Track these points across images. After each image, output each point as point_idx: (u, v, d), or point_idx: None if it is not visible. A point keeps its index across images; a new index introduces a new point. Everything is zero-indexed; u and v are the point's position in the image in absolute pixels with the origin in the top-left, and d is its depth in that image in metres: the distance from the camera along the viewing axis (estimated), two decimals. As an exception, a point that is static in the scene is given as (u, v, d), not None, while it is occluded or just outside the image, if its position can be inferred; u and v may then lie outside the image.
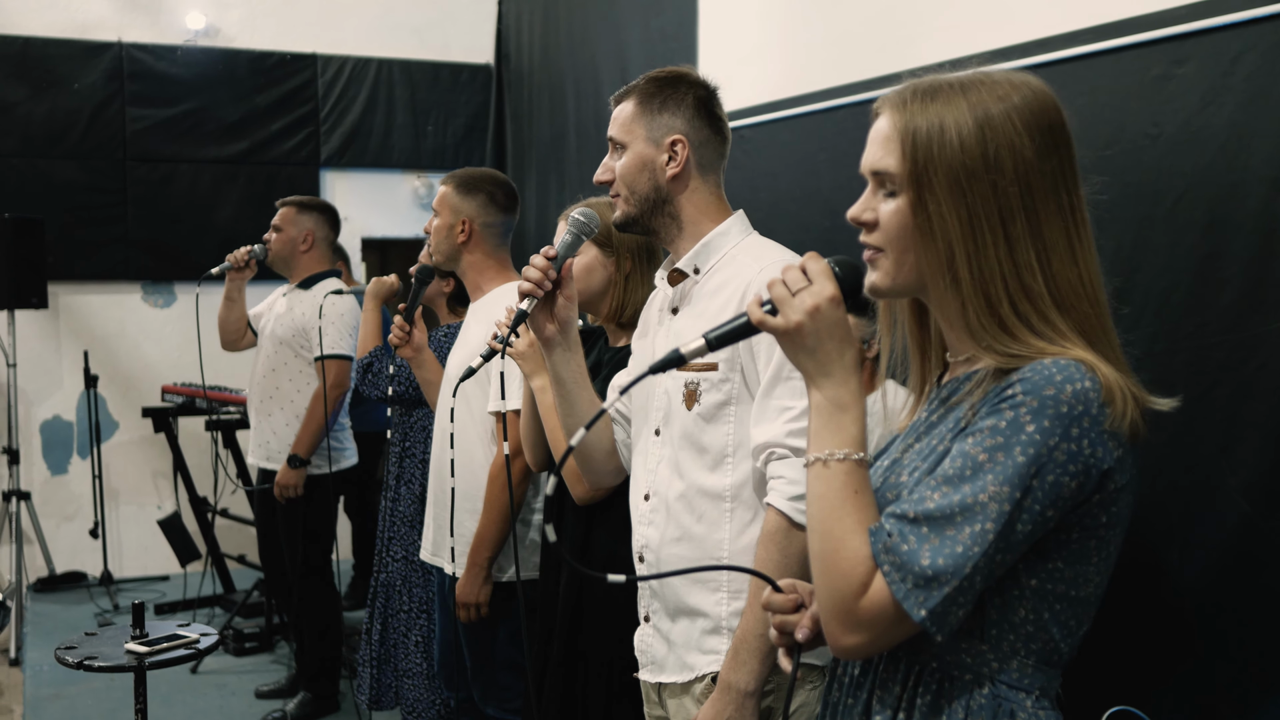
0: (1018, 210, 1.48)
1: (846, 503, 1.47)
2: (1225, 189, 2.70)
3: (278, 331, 5.06)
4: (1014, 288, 1.48)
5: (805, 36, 4.59)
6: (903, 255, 1.54)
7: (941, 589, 1.40)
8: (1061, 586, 1.48)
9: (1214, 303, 2.72)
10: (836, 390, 1.52)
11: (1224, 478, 2.69)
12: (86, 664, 2.92)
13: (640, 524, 2.44)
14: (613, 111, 2.45)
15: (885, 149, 1.55)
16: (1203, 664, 2.74)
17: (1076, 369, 1.42)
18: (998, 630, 1.49)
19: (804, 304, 1.51)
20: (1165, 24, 2.86)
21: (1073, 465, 1.40)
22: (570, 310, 2.39)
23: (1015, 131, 1.49)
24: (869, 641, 1.46)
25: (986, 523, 1.39)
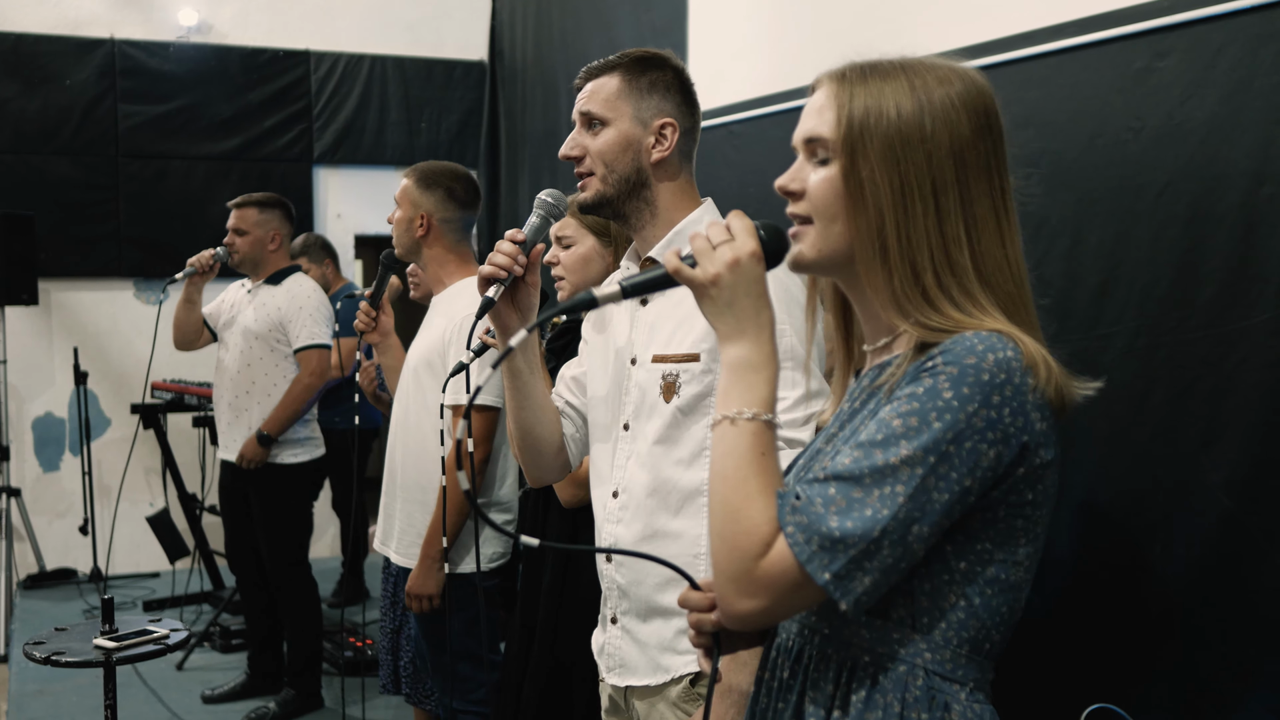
0: (950, 184, 1.47)
1: (753, 464, 1.42)
2: (1207, 182, 2.68)
3: (251, 327, 5.06)
4: (939, 260, 1.46)
5: (794, 32, 4.57)
6: (829, 224, 1.51)
7: (848, 551, 1.35)
8: (992, 569, 1.45)
9: (1195, 297, 2.70)
10: (750, 349, 1.47)
11: (1205, 474, 2.67)
12: (54, 660, 2.90)
13: (608, 522, 2.36)
14: (585, 85, 2.35)
15: (820, 117, 1.52)
16: (1183, 660, 2.73)
17: (998, 339, 1.40)
18: (929, 619, 1.46)
19: (723, 257, 1.47)
20: (1147, 17, 2.85)
21: (991, 433, 1.37)
22: (534, 298, 2.26)
23: (953, 108, 1.48)
24: (766, 607, 1.40)
25: (897, 485, 1.35)
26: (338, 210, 8.13)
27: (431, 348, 3.61)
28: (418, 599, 3.58)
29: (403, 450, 3.71)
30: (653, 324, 2.31)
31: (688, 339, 2.22)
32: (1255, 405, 2.57)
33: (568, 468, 2.52)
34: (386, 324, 3.82)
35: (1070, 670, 2.96)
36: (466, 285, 3.71)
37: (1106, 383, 2.82)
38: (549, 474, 2.51)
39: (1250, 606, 2.57)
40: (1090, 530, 2.95)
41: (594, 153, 2.30)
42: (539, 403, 2.37)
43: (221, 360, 5.20)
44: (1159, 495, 2.78)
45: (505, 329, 2.26)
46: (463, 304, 3.59)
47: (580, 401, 2.49)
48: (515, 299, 2.24)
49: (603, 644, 2.41)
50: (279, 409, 4.96)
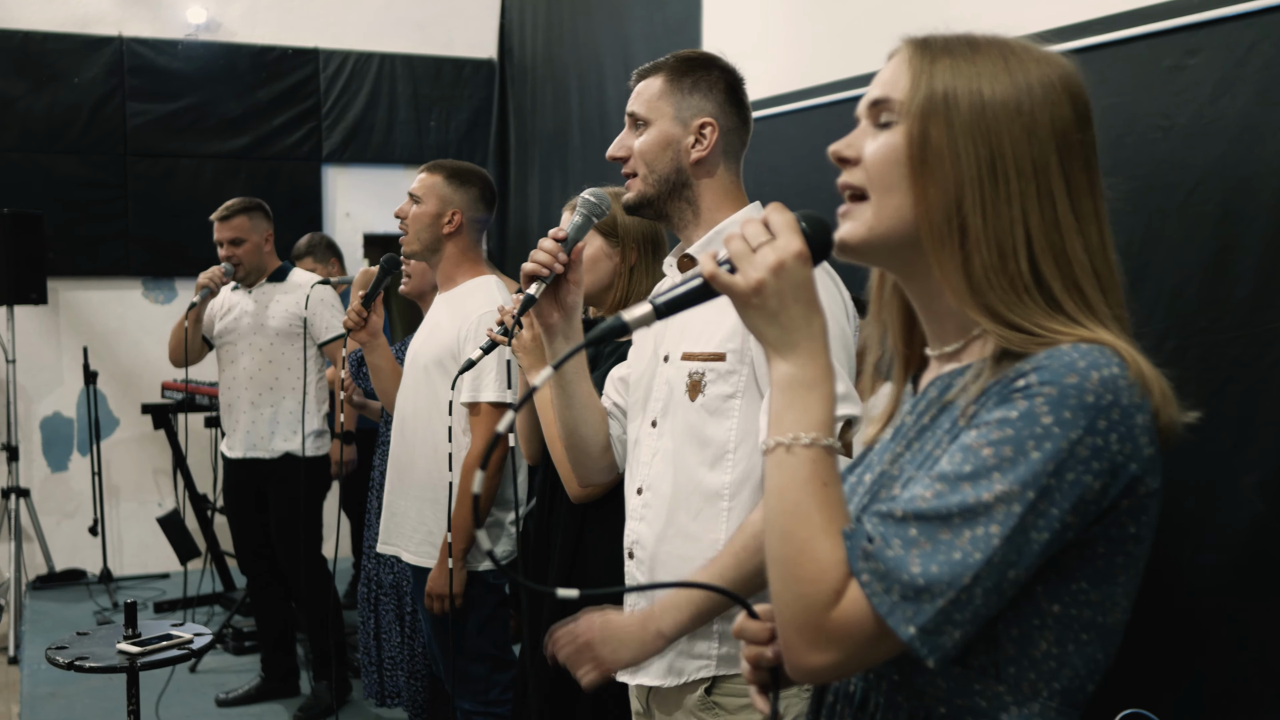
0: (1054, 166, 1.28)
1: (813, 496, 1.25)
2: (1238, 181, 2.66)
3: (270, 324, 5.09)
4: (1039, 243, 1.27)
5: (810, 30, 4.54)
6: (885, 197, 1.32)
7: (934, 601, 1.18)
8: (1088, 612, 1.26)
9: (1227, 297, 2.68)
10: (802, 363, 1.30)
11: (1238, 475, 2.65)
12: (77, 665, 2.87)
13: (632, 519, 2.36)
14: (635, 86, 2.38)
15: (891, 80, 1.35)
16: (1217, 665, 2.70)
17: (1102, 353, 1.22)
18: (1016, 668, 1.27)
19: (766, 260, 1.30)
20: (1177, 14, 2.82)
21: (1097, 463, 1.19)
22: (577, 296, 2.31)
23: (1054, 90, 1.31)
24: (839, 661, 1.23)
25: (992, 525, 1.17)
26: (346, 209, 8.10)
27: (444, 347, 3.59)
28: (439, 599, 3.55)
29: (413, 449, 3.70)
30: (685, 322, 2.27)
31: (715, 337, 2.21)
32: (1289, 407, 2.55)
33: (614, 469, 2.53)
34: (376, 324, 3.82)
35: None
36: (478, 284, 3.70)
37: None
38: (595, 474, 2.55)
39: (1284, 610, 2.55)
40: (1120, 533, 2.92)
41: (636, 153, 2.32)
42: (583, 403, 2.41)
43: (234, 363, 5.18)
44: (1191, 498, 2.75)
45: (549, 326, 2.31)
46: (476, 303, 3.59)
47: (625, 401, 2.49)
48: (558, 296, 2.29)
49: None
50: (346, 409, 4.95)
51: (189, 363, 5.24)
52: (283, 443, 5.10)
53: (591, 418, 2.42)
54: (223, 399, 5.28)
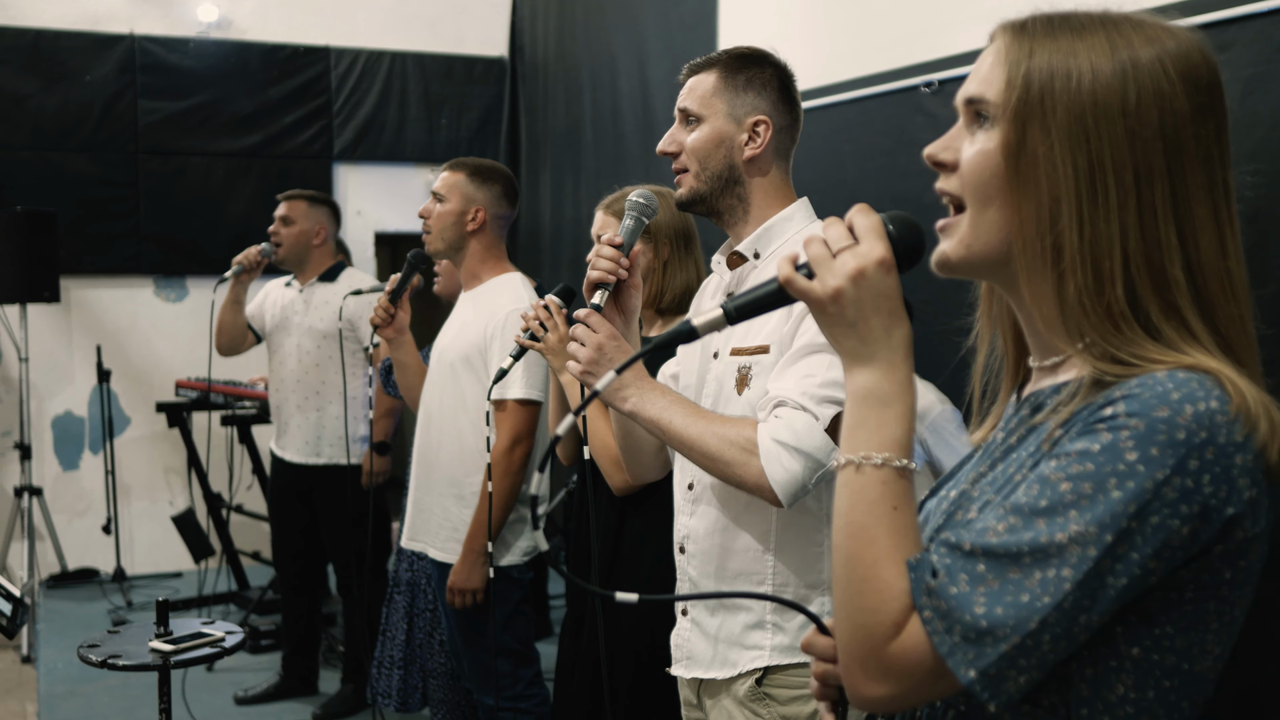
0: (1159, 173, 1.18)
1: (881, 521, 1.19)
2: (1271, 178, 2.66)
3: (318, 326, 5.01)
4: (1137, 266, 1.17)
5: (827, 27, 4.54)
6: (983, 211, 1.24)
7: (997, 646, 1.11)
8: (1172, 658, 1.17)
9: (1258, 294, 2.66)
10: (879, 377, 1.23)
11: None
12: (110, 663, 2.87)
13: (681, 514, 2.37)
14: (686, 81, 2.36)
15: (987, 75, 1.26)
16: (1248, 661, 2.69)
17: (1201, 384, 1.12)
18: (1089, 710, 1.19)
19: (846, 267, 1.23)
20: (1207, 9, 2.82)
21: (1185, 507, 1.09)
22: (637, 300, 2.32)
23: (1167, 79, 1.18)
24: (897, 695, 1.18)
25: (1064, 569, 1.10)
26: (358, 207, 8.09)
27: (472, 344, 3.61)
28: (461, 594, 3.58)
29: (439, 446, 3.71)
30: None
31: (762, 330, 2.22)
32: (1323, 404, 2.54)
33: (667, 465, 2.54)
34: (403, 320, 3.82)
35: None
36: (504, 281, 3.73)
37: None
38: (649, 472, 2.57)
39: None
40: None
41: (688, 149, 2.31)
42: None
43: (282, 364, 5.14)
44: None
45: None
46: (503, 300, 3.60)
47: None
48: (618, 301, 2.29)
49: (674, 636, 2.42)
50: (378, 414, 4.91)
51: (230, 350, 5.24)
52: (329, 449, 5.06)
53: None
54: (272, 399, 5.26)
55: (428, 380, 3.83)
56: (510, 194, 3.79)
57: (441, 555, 3.72)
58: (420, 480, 3.81)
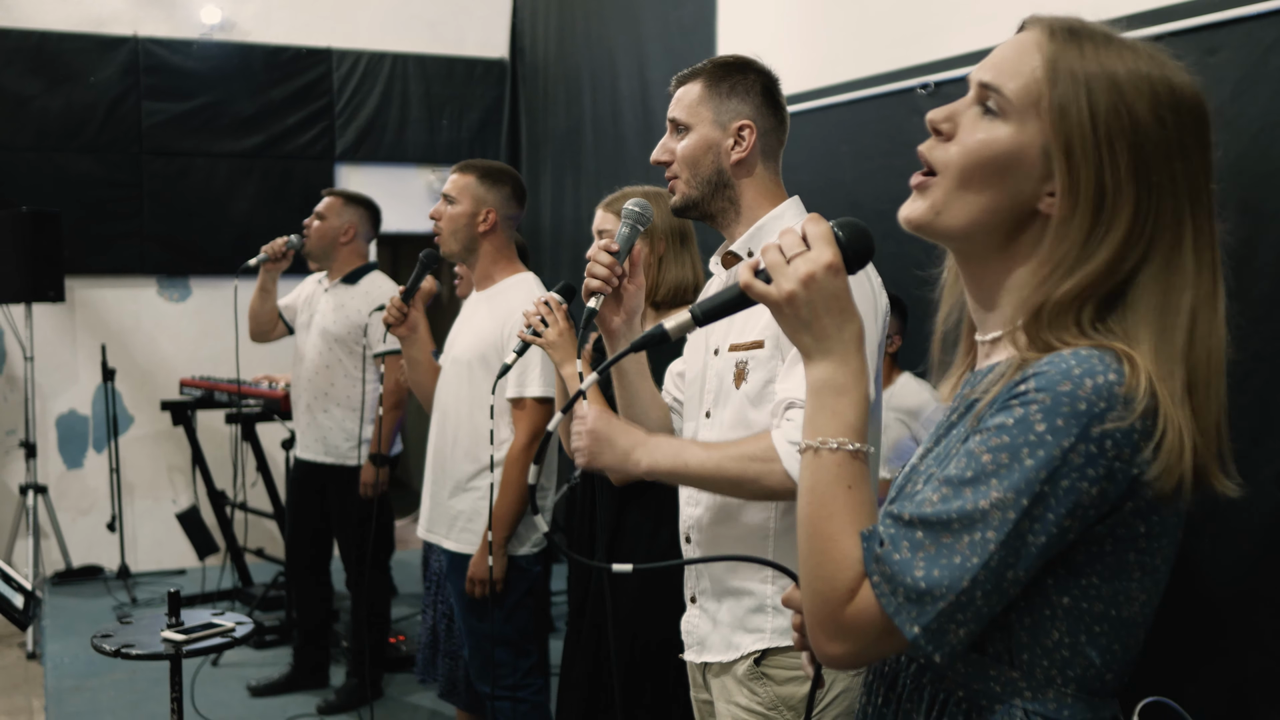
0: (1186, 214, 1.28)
1: (838, 499, 1.32)
2: (1258, 178, 2.70)
3: (330, 329, 5.04)
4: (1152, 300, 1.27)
5: (825, 29, 4.59)
6: (960, 189, 1.34)
7: (935, 604, 1.24)
8: (1100, 605, 1.30)
9: (1247, 292, 2.72)
10: (834, 370, 1.36)
11: (1258, 467, 2.69)
12: (124, 652, 2.92)
13: (687, 505, 2.45)
14: (675, 93, 2.45)
15: (1010, 65, 1.33)
16: (1236, 654, 2.74)
17: (1101, 360, 1.24)
18: (1029, 655, 1.32)
19: (798, 271, 1.35)
20: (1197, 13, 2.87)
21: (1092, 470, 1.21)
22: (639, 299, 2.43)
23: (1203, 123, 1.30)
24: (854, 652, 1.31)
25: (988, 531, 1.22)
26: (359, 208, 8.14)
27: (488, 343, 3.69)
28: (481, 583, 3.67)
29: (454, 441, 3.80)
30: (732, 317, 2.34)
31: (756, 325, 2.30)
32: (1309, 399, 2.59)
33: None
34: (416, 319, 3.88)
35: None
36: (517, 281, 3.81)
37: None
38: None
39: (1304, 599, 2.60)
40: (1141, 524, 2.96)
41: (679, 157, 2.40)
42: (647, 400, 2.50)
43: (301, 361, 5.20)
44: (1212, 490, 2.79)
45: (611, 330, 2.43)
46: (518, 299, 3.67)
47: (684, 395, 2.58)
48: (620, 301, 2.41)
49: (684, 623, 2.50)
50: (383, 425, 4.90)
51: (260, 337, 5.31)
52: (336, 449, 5.10)
53: (654, 414, 2.51)
54: (293, 395, 5.33)
55: (442, 378, 3.91)
56: (519, 195, 3.87)
57: (455, 546, 3.82)
58: (436, 475, 3.90)
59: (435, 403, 3.93)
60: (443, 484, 3.85)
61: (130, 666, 5.58)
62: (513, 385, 3.67)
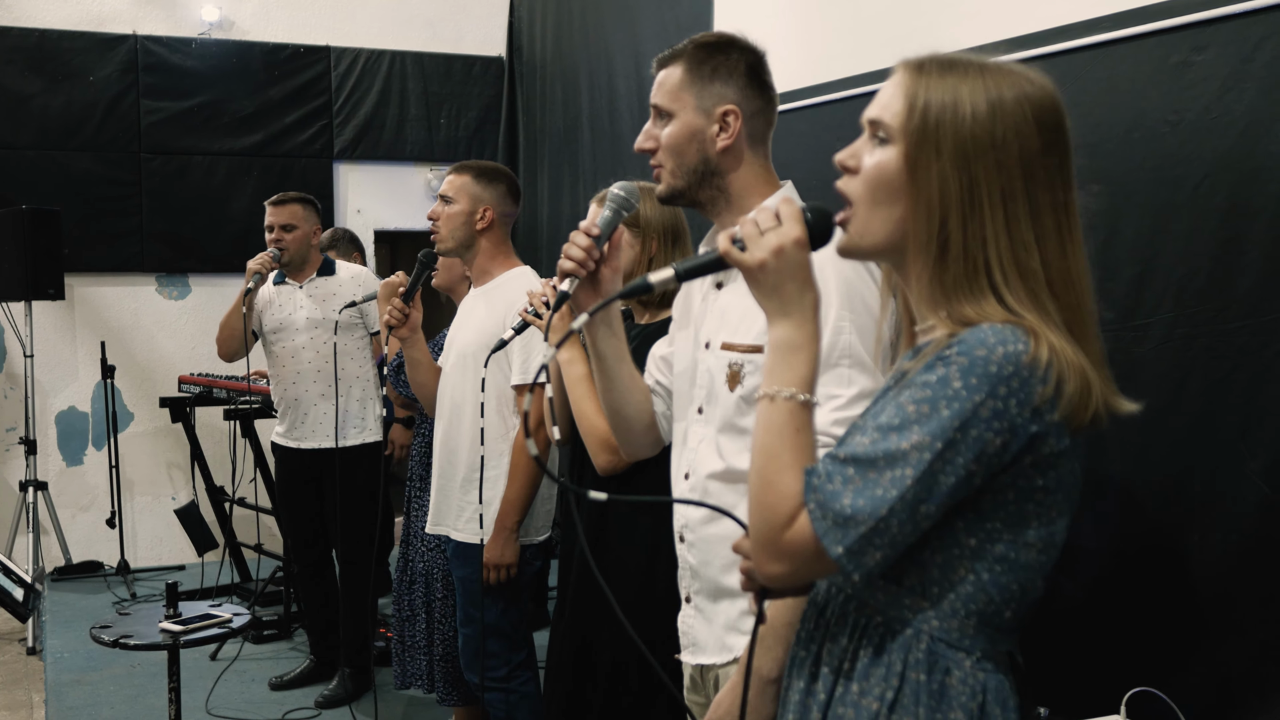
0: (1019, 192, 1.51)
1: (786, 440, 1.53)
2: (1245, 175, 2.73)
3: (331, 318, 5.14)
4: (1007, 261, 1.50)
5: (821, 26, 4.61)
6: (873, 208, 1.57)
7: (858, 528, 1.44)
8: (1000, 548, 1.52)
9: (1233, 287, 2.75)
10: (793, 330, 1.57)
11: (1243, 461, 2.72)
12: (123, 642, 2.96)
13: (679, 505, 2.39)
14: (656, 76, 2.33)
15: (889, 103, 1.57)
16: (1223, 645, 2.77)
17: (1013, 332, 1.45)
18: (939, 588, 1.53)
19: (769, 243, 1.56)
20: (1185, 11, 2.89)
21: (998, 423, 1.43)
22: (616, 283, 2.30)
23: (1025, 119, 1.51)
24: (790, 572, 1.51)
25: (906, 469, 1.43)
26: (357, 206, 8.18)
27: (490, 335, 3.68)
28: (495, 569, 3.72)
29: (460, 434, 3.84)
30: (724, 309, 2.30)
31: (754, 329, 2.22)
32: (1294, 394, 2.62)
33: (659, 444, 2.55)
34: (416, 319, 3.91)
35: (1111, 655, 3.00)
36: (515, 275, 3.85)
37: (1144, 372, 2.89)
38: (641, 450, 2.57)
39: (1289, 591, 2.62)
40: (1129, 517, 2.99)
41: (663, 146, 2.29)
42: (626, 384, 2.42)
43: (294, 357, 5.24)
44: (1196, 482, 2.82)
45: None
46: (516, 292, 3.71)
47: (669, 380, 2.50)
48: (596, 285, 2.30)
49: (681, 623, 2.43)
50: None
51: (234, 356, 5.32)
52: (355, 431, 5.22)
53: (635, 398, 2.44)
54: (285, 393, 5.31)
55: (444, 375, 3.94)
56: (514, 192, 3.93)
57: (463, 536, 3.85)
58: (444, 468, 3.93)
59: (439, 399, 3.96)
60: (451, 476, 3.89)
61: (130, 661, 5.62)
62: (516, 372, 3.72)
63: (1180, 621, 2.86)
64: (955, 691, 1.52)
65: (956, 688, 1.52)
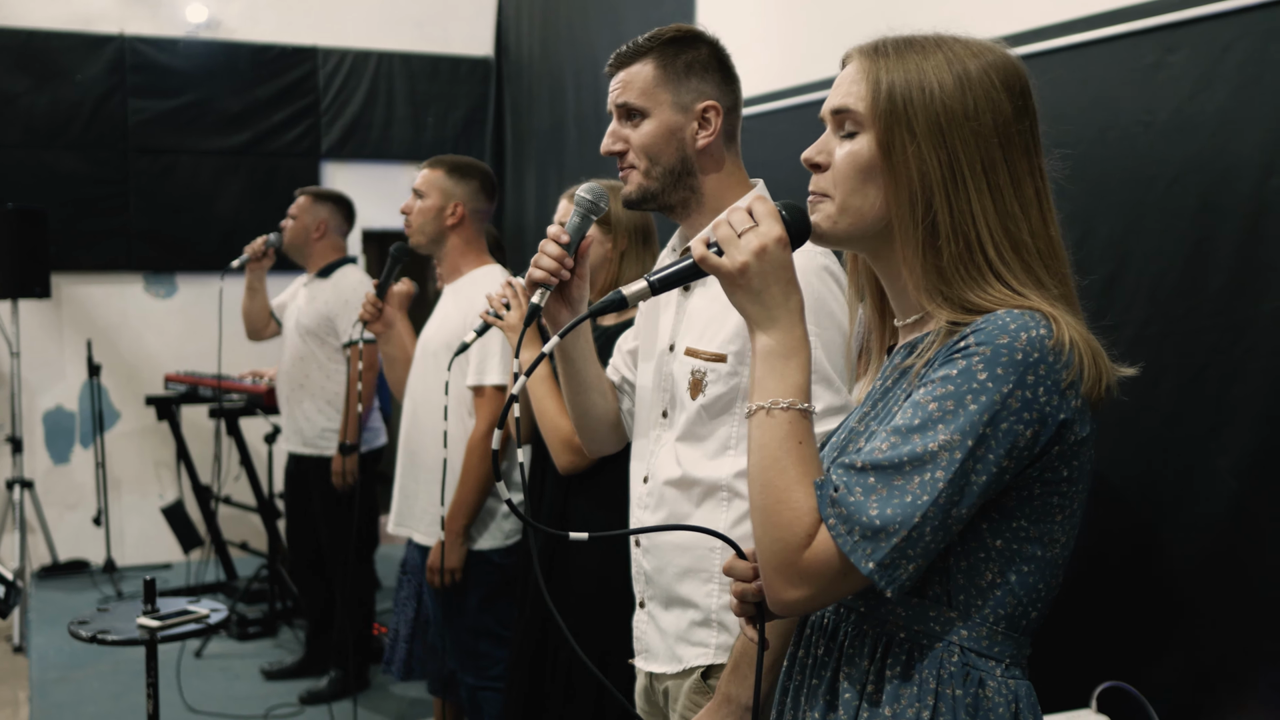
0: (999, 161, 1.45)
1: (790, 453, 1.41)
2: (1216, 175, 2.75)
3: (302, 321, 5.15)
4: (998, 233, 1.44)
5: (803, 27, 4.63)
6: (849, 198, 1.50)
7: (890, 540, 1.34)
8: (1029, 547, 1.44)
9: (1204, 286, 2.77)
10: (782, 337, 1.45)
11: (1214, 458, 2.74)
12: (100, 638, 2.97)
13: (637, 507, 2.35)
14: (617, 74, 2.25)
15: (850, 90, 1.51)
16: (1193, 640, 2.79)
17: (1032, 318, 1.38)
18: (965, 596, 1.44)
19: (749, 245, 1.45)
20: (1157, 13, 2.91)
21: (1028, 413, 1.35)
22: (583, 289, 2.21)
23: (993, 86, 1.47)
24: (813, 595, 1.40)
25: (937, 471, 1.34)
26: (345, 205, 8.18)
27: (454, 334, 3.70)
28: (437, 574, 3.70)
29: (423, 433, 3.83)
30: (690, 314, 2.26)
31: (718, 337, 2.18)
32: (1263, 391, 2.64)
33: (624, 440, 2.51)
34: (391, 314, 3.92)
35: (1083, 649, 3.03)
36: (483, 274, 3.84)
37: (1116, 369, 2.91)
38: (605, 447, 2.52)
39: (1257, 587, 2.64)
40: (1101, 513, 3.02)
41: (636, 146, 2.21)
42: (592, 385, 2.38)
43: (281, 353, 5.33)
44: (1167, 479, 2.85)
45: (556, 324, 2.23)
46: (482, 290, 3.69)
47: (635, 377, 2.46)
48: (565, 294, 2.20)
49: (635, 627, 2.40)
50: (348, 415, 5.03)
51: (254, 335, 5.46)
52: (313, 442, 5.19)
53: (600, 399, 2.40)
54: (277, 387, 5.43)
55: (413, 370, 3.93)
56: (488, 189, 3.91)
57: (425, 539, 3.84)
58: (405, 467, 3.92)
59: (406, 395, 3.96)
60: (412, 476, 3.88)
61: (114, 659, 5.63)
62: (472, 373, 3.68)
63: (1151, 617, 2.88)
64: (991, 704, 1.44)
65: (991, 699, 1.44)
